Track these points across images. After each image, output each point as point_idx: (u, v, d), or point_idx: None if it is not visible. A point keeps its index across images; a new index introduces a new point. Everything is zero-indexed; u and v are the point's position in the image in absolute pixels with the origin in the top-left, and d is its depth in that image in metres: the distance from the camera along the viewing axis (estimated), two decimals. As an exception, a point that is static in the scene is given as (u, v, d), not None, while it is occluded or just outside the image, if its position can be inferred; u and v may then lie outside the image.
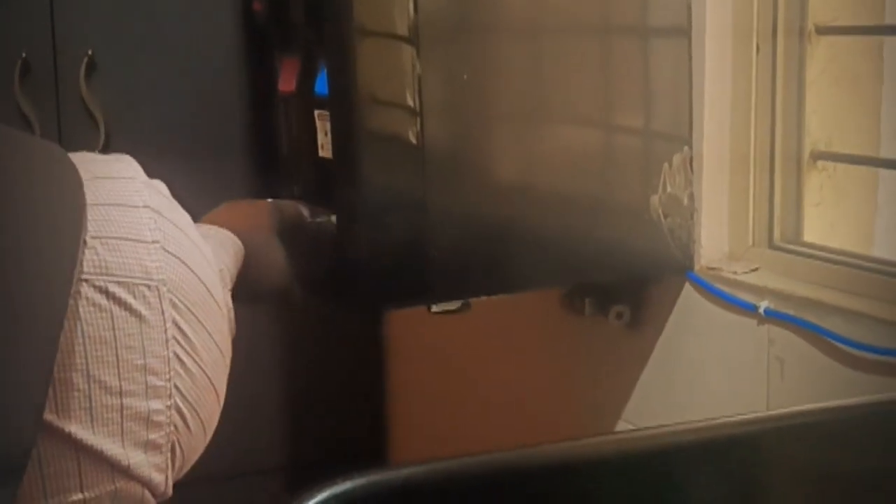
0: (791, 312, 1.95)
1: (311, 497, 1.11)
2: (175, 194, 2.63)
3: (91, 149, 2.58)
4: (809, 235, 2.16)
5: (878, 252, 2.28)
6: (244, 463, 2.82)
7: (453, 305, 1.98)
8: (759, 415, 1.50)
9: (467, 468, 1.22)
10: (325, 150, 2.07)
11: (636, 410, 2.30)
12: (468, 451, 1.27)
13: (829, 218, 2.19)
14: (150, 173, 2.64)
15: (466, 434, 2.62)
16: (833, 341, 1.86)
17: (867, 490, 1.39)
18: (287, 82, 2.16)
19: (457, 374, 2.68)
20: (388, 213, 1.95)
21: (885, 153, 2.28)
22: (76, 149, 2.69)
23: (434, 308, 1.96)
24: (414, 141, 1.94)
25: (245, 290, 1.33)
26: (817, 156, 2.14)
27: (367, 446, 2.88)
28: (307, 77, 2.11)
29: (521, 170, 2.11)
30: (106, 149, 2.62)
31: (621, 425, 2.31)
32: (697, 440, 1.44)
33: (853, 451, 1.48)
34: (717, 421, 1.45)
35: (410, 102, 1.92)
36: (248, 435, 2.81)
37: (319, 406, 2.92)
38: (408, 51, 1.91)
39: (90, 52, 2.60)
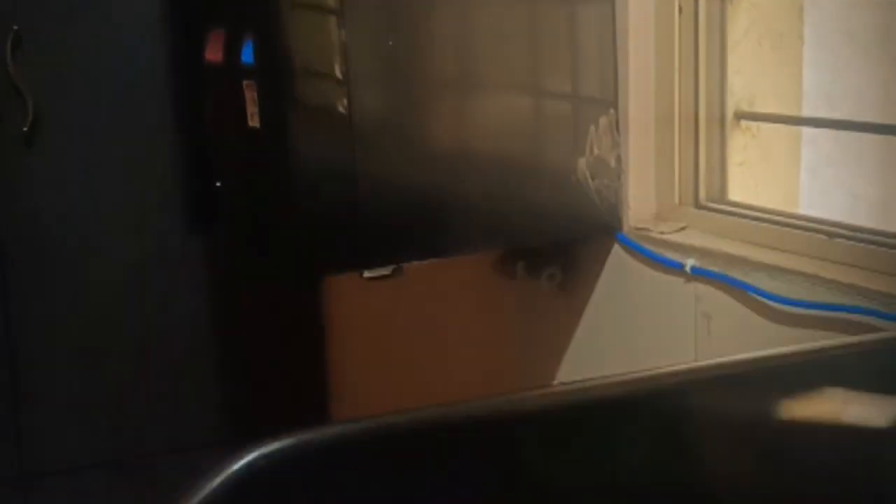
0: (717, 270, 1.98)
1: (240, 458, 1.12)
2: (105, 168, 2.62)
3: (20, 125, 2.56)
4: (735, 194, 2.19)
5: (805, 209, 2.33)
6: (185, 437, 2.82)
7: (386, 271, 1.99)
8: (684, 367, 1.52)
9: (394, 425, 1.23)
10: (254, 119, 2.07)
11: (570, 370, 2.33)
12: (397, 409, 1.28)
13: (754, 177, 2.22)
14: (80, 147, 2.63)
15: (405, 396, 2.64)
16: (758, 296, 1.90)
17: (791, 439, 1.42)
18: (214, 52, 2.16)
19: (393, 338, 2.69)
20: (317, 181, 1.96)
21: (807, 112, 2.32)
22: (5, 124, 2.64)
23: (366, 273, 1.97)
24: (342, 109, 1.94)
25: None
26: (741, 116, 2.17)
27: (309, 411, 2.88)
28: (234, 47, 2.11)
29: (451, 136, 2.12)
30: (35, 125, 2.60)
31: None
32: (623, 393, 1.46)
33: (777, 401, 1.51)
34: (642, 374, 1.47)
35: (337, 70, 1.93)
36: (189, 408, 2.81)
37: (259, 376, 2.92)
38: (332, 19, 1.91)
39: (15, 28, 2.57)
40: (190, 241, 2.68)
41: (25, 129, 2.59)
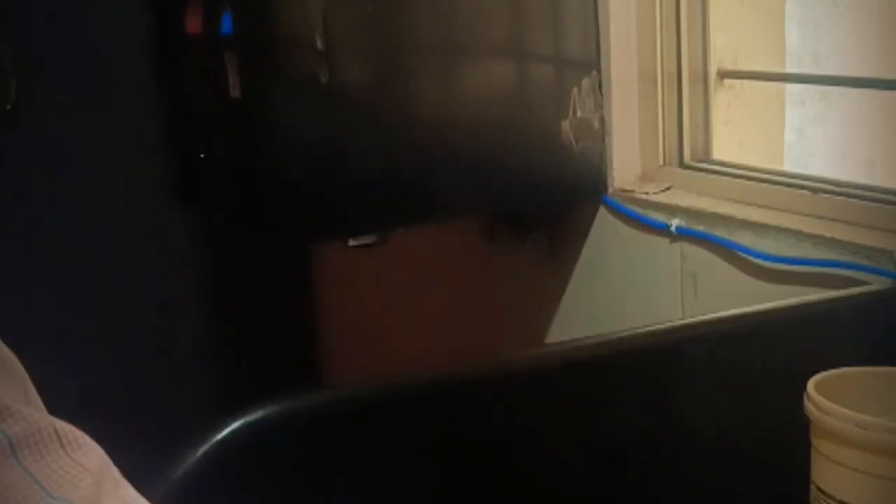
0: (702, 229, 1.98)
1: (224, 426, 1.12)
2: (89, 145, 2.61)
3: (2, 103, 2.55)
4: (719, 153, 2.19)
5: (789, 166, 2.33)
6: (177, 409, 2.82)
7: (370, 239, 1.99)
8: (668, 324, 1.53)
9: (379, 391, 1.24)
10: (235, 90, 2.06)
11: (558, 333, 2.34)
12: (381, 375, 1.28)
13: (738, 135, 2.22)
14: (64, 124, 2.61)
15: (394, 363, 2.64)
16: (743, 254, 1.90)
17: (779, 394, 1.43)
18: (193, 24, 2.14)
19: (381, 305, 2.69)
20: (299, 150, 1.96)
21: (791, 69, 2.32)
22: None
23: (351, 242, 1.97)
24: (323, 78, 1.93)
25: None
26: (724, 74, 2.17)
27: (299, 381, 2.89)
28: (213, 18, 2.10)
29: (434, 102, 2.12)
30: (19, 99, 2.59)
31: (545, 350, 2.35)
32: (610, 352, 1.47)
33: (764, 356, 1.52)
34: (628, 332, 1.48)
35: (317, 38, 1.92)
36: (180, 380, 2.81)
37: (248, 346, 2.93)
38: (311, -14, 1.90)
39: (-6, 4, 2.55)
40: (176, 214, 2.68)
41: (8, 107, 2.58)
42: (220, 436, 1.11)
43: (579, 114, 2.14)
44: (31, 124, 2.61)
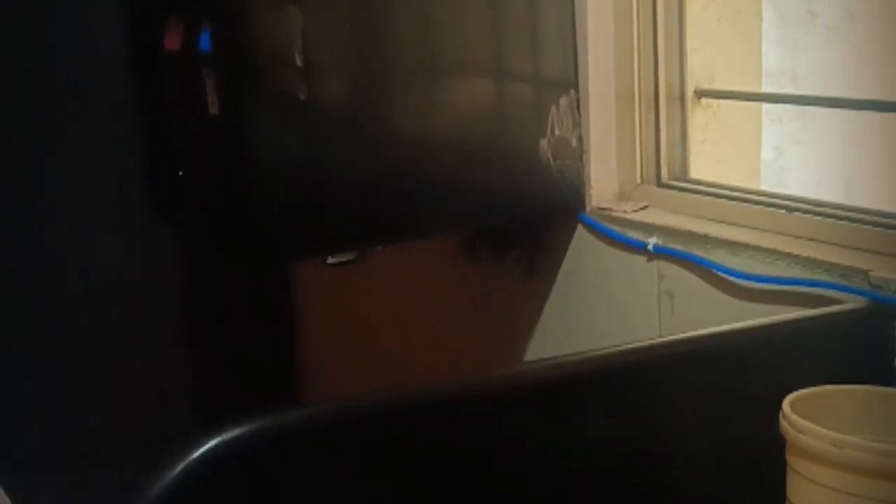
0: (679, 247, 1.99)
1: (202, 445, 1.12)
2: (66, 162, 2.60)
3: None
4: (697, 172, 2.21)
5: (767, 184, 2.35)
6: (157, 427, 2.81)
7: (349, 256, 1.99)
8: (645, 343, 1.53)
9: (355, 408, 1.24)
10: (214, 107, 2.06)
11: (537, 351, 2.34)
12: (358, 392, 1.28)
13: (716, 154, 2.24)
14: (42, 138, 2.60)
15: (373, 380, 2.64)
16: (719, 273, 1.91)
17: (755, 412, 1.44)
18: (172, 40, 2.15)
19: (360, 323, 2.69)
20: (279, 168, 1.96)
21: (767, 88, 2.34)
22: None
23: (330, 259, 1.98)
24: (302, 95, 1.94)
25: None
26: (701, 93, 2.18)
27: (278, 399, 2.88)
28: (192, 35, 2.10)
29: (413, 120, 2.12)
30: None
31: (523, 367, 2.35)
32: (586, 370, 1.48)
33: (738, 375, 1.53)
34: (604, 351, 1.49)
35: (296, 56, 1.92)
36: (160, 398, 2.80)
37: (228, 365, 2.92)
38: (291, 4, 1.91)
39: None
40: (155, 232, 2.67)
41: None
42: (196, 454, 1.11)
43: (557, 132, 2.15)
44: (10, 140, 2.61)
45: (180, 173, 2.36)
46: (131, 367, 2.77)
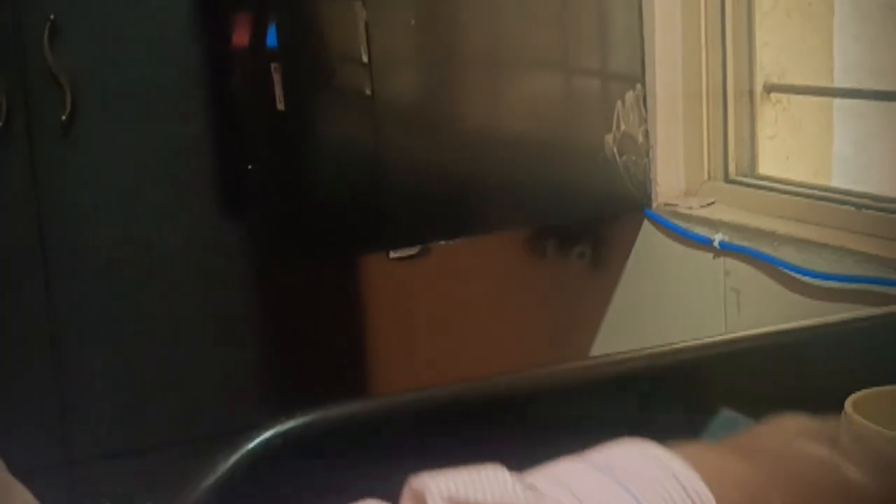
0: (745, 244, 1.97)
1: (257, 436, 1.13)
2: (140, 156, 2.64)
3: (58, 114, 2.59)
4: (765, 168, 2.18)
5: (837, 182, 2.31)
6: (226, 421, 2.84)
7: (412, 251, 2.00)
8: (710, 339, 1.52)
9: (410, 402, 1.24)
10: (281, 102, 2.08)
11: (602, 348, 2.33)
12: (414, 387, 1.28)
13: (785, 150, 2.21)
14: (116, 135, 2.65)
15: (438, 376, 2.65)
16: (786, 270, 1.89)
17: (817, 412, 1.42)
18: (240, 37, 2.17)
19: (425, 318, 2.70)
20: (343, 163, 1.97)
21: (838, 83, 2.30)
22: (43, 113, 2.69)
23: (392, 254, 1.98)
24: (367, 90, 1.95)
25: None
26: (770, 88, 2.15)
27: (347, 393, 2.90)
28: (259, 31, 2.12)
29: (476, 114, 2.12)
30: (73, 113, 2.63)
31: (589, 364, 2.34)
32: (651, 366, 1.46)
33: (803, 373, 1.51)
34: (670, 346, 1.47)
35: (361, 51, 1.93)
36: (229, 392, 2.83)
37: (296, 359, 2.94)
38: (355, 0, 1.92)
39: (52, 17, 2.60)
40: (224, 225, 2.71)
41: (63, 117, 2.62)
42: (251, 445, 1.11)
43: (623, 127, 2.14)
44: (83, 136, 2.66)
45: (249, 167, 2.39)
46: (201, 362, 2.80)
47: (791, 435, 0.71)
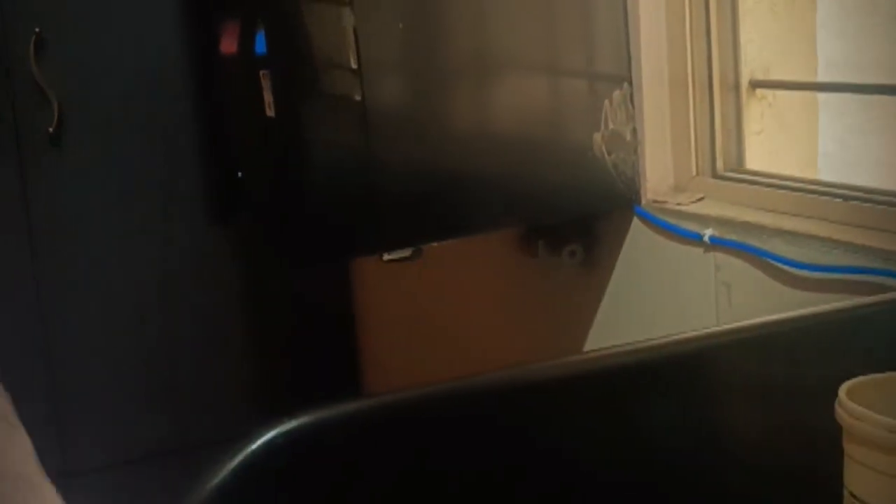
0: (735, 238, 1.99)
1: (259, 437, 1.14)
2: (129, 164, 2.65)
3: (45, 126, 2.60)
4: (752, 163, 2.19)
5: (823, 175, 2.32)
6: (220, 427, 2.85)
7: (405, 253, 2.01)
8: (702, 332, 1.53)
9: (409, 400, 1.25)
10: (270, 109, 2.09)
11: (594, 344, 2.34)
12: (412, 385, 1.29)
13: (772, 145, 2.22)
14: (104, 145, 2.66)
15: (431, 376, 2.65)
16: (776, 263, 1.90)
17: (811, 400, 1.43)
18: (228, 44, 2.18)
19: (418, 319, 2.71)
20: (334, 167, 1.98)
21: (822, 77, 2.31)
22: (31, 125, 2.70)
23: (386, 256, 1.99)
24: (356, 96, 1.96)
25: None
26: (756, 84, 2.17)
27: (341, 391, 2.90)
28: (247, 38, 2.13)
29: (466, 116, 2.14)
30: (60, 125, 2.63)
31: (582, 361, 2.35)
32: (643, 359, 1.48)
33: (796, 363, 1.52)
34: (661, 340, 1.49)
35: (350, 57, 1.94)
36: (223, 398, 2.84)
37: (290, 363, 2.95)
38: (343, 6, 1.93)
39: (38, 30, 2.60)
40: (215, 232, 2.72)
41: (51, 129, 2.63)
42: (253, 446, 1.12)
43: (611, 126, 2.15)
44: (71, 147, 2.66)
45: (239, 175, 2.40)
46: (194, 368, 2.81)
47: None
